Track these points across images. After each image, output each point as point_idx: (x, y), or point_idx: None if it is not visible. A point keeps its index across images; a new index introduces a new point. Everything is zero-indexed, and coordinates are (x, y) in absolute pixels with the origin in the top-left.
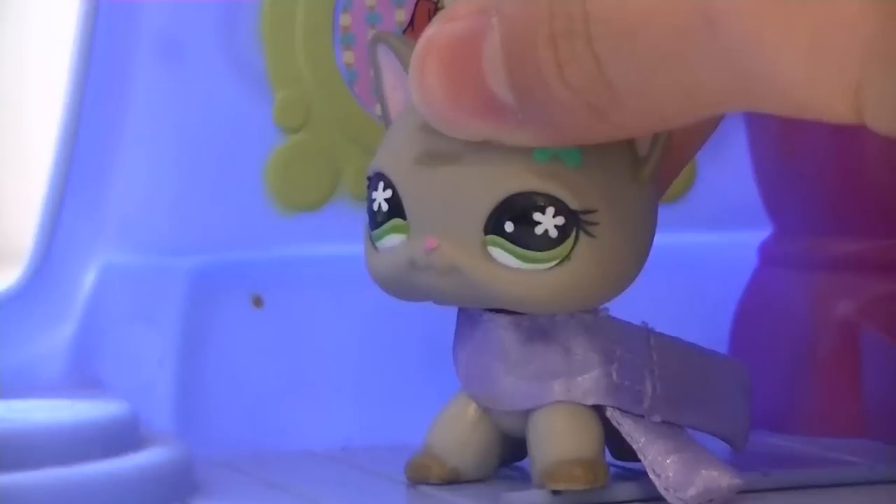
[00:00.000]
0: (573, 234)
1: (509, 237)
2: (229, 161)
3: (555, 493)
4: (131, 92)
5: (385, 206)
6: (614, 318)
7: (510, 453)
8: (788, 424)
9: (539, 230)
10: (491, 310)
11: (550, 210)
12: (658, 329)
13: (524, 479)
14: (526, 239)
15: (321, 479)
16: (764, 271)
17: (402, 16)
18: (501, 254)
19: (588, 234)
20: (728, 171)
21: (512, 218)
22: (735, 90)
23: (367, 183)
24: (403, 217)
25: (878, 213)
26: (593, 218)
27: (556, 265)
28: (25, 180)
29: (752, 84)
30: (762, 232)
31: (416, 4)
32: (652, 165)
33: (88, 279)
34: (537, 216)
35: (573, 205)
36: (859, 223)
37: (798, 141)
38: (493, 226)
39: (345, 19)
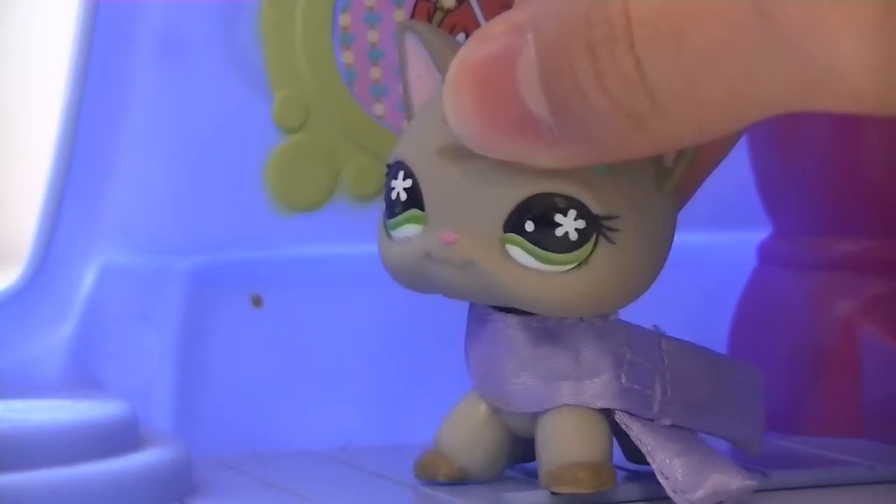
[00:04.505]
0: (593, 239)
1: (529, 237)
2: (229, 161)
3: (554, 493)
4: (131, 92)
5: (404, 196)
6: (624, 321)
7: (521, 453)
8: (788, 424)
9: (559, 232)
10: (501, 309)
11: (572, 213)
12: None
13: (523, 479)
14: (545, 240)
15: (321, 479)
16: (763, 271)
17: (402, 16)
18: (520, 253)
19: (608, 240)
20: (728, 171)
21: (533, 218)
22: (790, 85)
23: (386, 170)
24: (422, 208)
25: (877, 213)
26: (615, 224)
27: (574, 269)
28: (26, 180)
29: (809, 76)
30: (762, 232)
31: (416, 4)
32: (677, 177)
33: (88, 279)
34: (558, 218)
35: (595, 209)
36: (859, 223)
37: (797, 141)
38: (513, 224)
39: (344, 19)
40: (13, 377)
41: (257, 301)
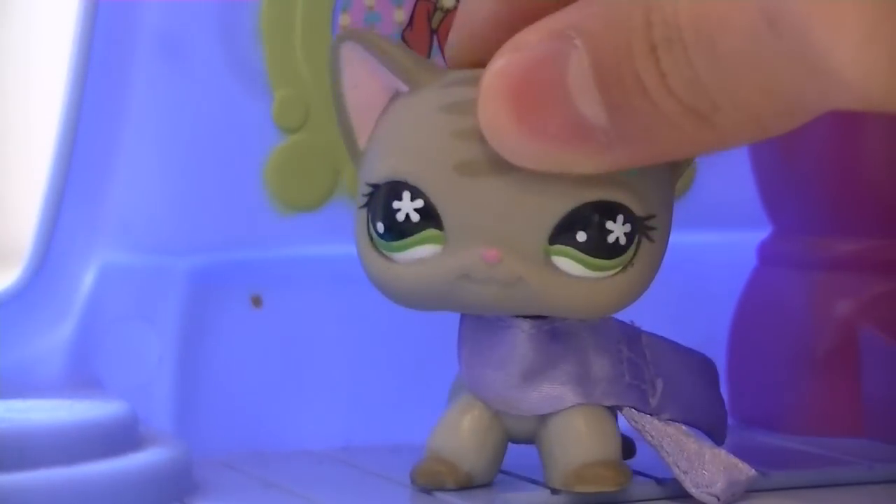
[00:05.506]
0: (636, 240)
1: (580, 246)
2: (229, 161)
3: (553, 492)
4: (131, 91)
5: (416, 217)
6: (612, 318)
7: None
8: (787, 424)
9: (611, 238)
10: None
11: (620, 218)
12: (646, 328)
13: (519, 479)
14: (598, 248)
15: (321, 479)
16: (763, 271)
17: (402, 16)
18: (568, 263)
19: (649, 239)
20: (728, 171)
21: (584, 227)
22: (808, 90)
23: (369, 190)
24: (439, 227)
25: (877, 213)
26: (653, 223)
27: (620, 271)
28: (26, 180)
29: (820, 81)
30: (762, 232)
31: (416, 4)
32: (686, 169)
33: (88, 279)
34: (609, 225)
35: (638, 211)
36: (859, 223)
37: (798, 141)
38: (560, 235)
39: (344, 19)
40: (13, 377)
41: (257, 301)
